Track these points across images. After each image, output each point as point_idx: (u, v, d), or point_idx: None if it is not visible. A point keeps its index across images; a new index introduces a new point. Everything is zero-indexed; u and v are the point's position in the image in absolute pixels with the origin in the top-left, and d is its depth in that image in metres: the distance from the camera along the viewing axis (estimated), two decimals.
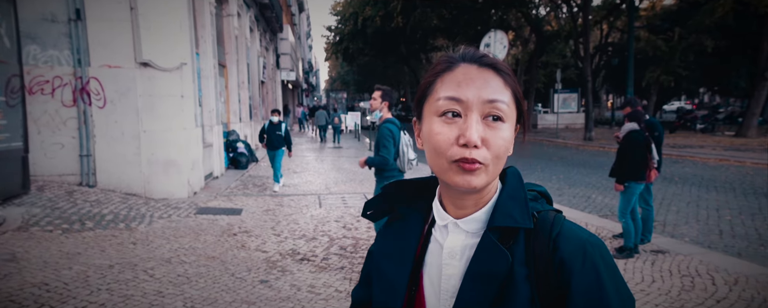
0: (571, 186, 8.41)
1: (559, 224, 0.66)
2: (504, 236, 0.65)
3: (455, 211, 0.70)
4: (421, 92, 0.71)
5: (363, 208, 0.79)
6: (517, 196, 0.68)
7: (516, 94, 0.67)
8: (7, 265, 3.42)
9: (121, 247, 4.21)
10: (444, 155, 0.64)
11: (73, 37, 6.08)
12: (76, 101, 6.18)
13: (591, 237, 0.65)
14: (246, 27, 12.62)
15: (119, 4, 6.22)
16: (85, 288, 3.17)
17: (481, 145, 0.62)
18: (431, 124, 0.66)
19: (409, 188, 0.78)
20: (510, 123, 0.65)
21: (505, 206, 0.67)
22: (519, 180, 0.71)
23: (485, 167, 0.63)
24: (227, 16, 10.91)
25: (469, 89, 0.63)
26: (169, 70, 6.64)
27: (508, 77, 0.66)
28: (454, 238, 0.69)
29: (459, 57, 0.68)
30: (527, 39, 26.69)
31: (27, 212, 4.75)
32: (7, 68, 5.11)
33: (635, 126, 4.23)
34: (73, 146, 6.18)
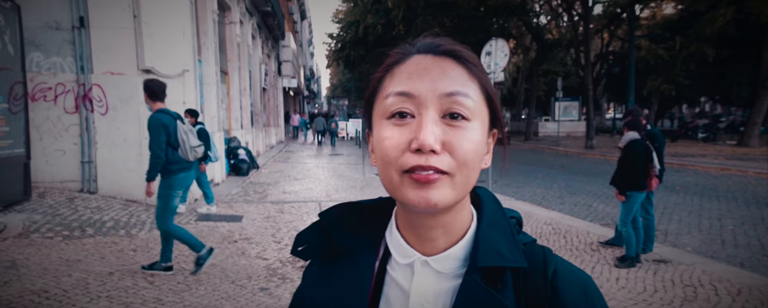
0: (573, 194, 8.39)
1: (552, 260, 0.55)
2: (488, 278, 0.52)
3: (421, 245, 0.55)
4: (370, 91, 0.57)
5: (294, 243, 0.61)
6: (500, 225, 0.56)
7: (487, 89, 0.54)
8: (7, 272, 3.42)
9: (122, 254, 4.20)
10: (393, 166, 0.50)
11: (77, 44, 6.12)
12: (78, 108, 6.20)
13: (587, 277, 0.56)
14: (248, 34, 12.71)
15: (123, 12, 6.27)
16: (85, 296, 3.16)
17: (441, 150, 0.49)
18: (379, 129, 0.53)
19: (353, 213, 0.61)
20: (479, 123, 0.52)
21: (489, 240, 0.54)
22: (497, 204, 0.59)
23: (449, 178, 0.50)
24: (229, 24, 10.98)
25: (422, 81, 0.51)
26: (172, 77, 6.67)
27: (474, 67, 0.54)
28: (423, 281, 0.54)
29: (413, 48, 0.56)
30: (528, 47, 26.82)
31: (28, 219, 4.75)
32: (10, 75, 5.14)
33: (636, 135, 4.23)
34: (74, 152, 6.19)
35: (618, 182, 4.28)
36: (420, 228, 0.54)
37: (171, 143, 3.54)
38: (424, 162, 0.49)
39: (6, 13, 5.04)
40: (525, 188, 9.09)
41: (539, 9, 23.72)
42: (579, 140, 22.47)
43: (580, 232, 5.38)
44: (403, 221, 0.56)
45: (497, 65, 7.67)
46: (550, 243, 4.92)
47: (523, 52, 27.21)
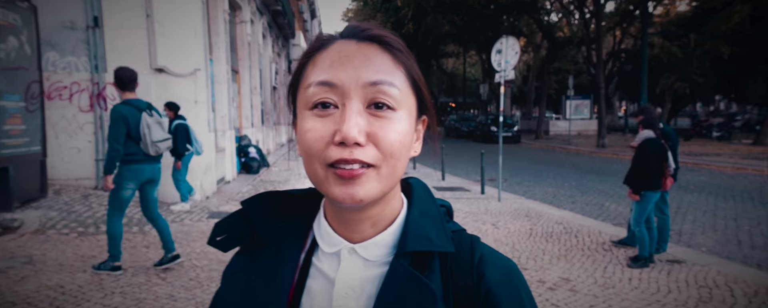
0: (584, 193, 8.31)
1: (479, 247, 0.55)
2: (416, 263, 0.52)
3: (349, 234, 0.54)
4: (293, 79, 0.55)
5: (211, 233, 0.57)
6: (430, 212, 0.55)
7: (412, 76, 0.52)
8: (24, 268, 3.48)
9: (135, 251, 4.26)
10: (317, 159, 0.49)
11: (91, 43, 6.20)
12: (92, 107, 6.29)
13: (511, 263, 0.56)
14: (259, 33, 12.77)
15: (135, 12, 6.34)
16: (99, 291, 3.21)
17: (366, 141, 0.48)
18: (302, 120, 0.51)
19: (280, 203, 0.59)
20: (405, 112, 0.50)
21: (418, 226, 0.53)
22: (428, 193, 0.59)
23: (374, 171, 0.48)
24: (240, 23, 11.05)
25: (345, 69, 0.49)
26: (184, 76, 6.74)
27: (401, 53, 0.51)
28: (349, 269, 0.53)
29: (336, 33, 0.53)
30: (539, 45, 26.59)
31: (44, 216, 4.83)
32: (27, 75, 5.23)
33: (651, 134, 4.17)
34: (89, 150, 6.28)
35: (632, 181, 4.23)
36: (348, 220, 0.53)
37: (132, 136, 3.43)
38: (348, 155, 0.47)
39: (23, 13, 5.12)
40: (536, 188, 9.02)
41: (550, 7, 23.51)
42: (590, 138, 22.23)
43: (592, 231, 5.33)
44: (331, 213, 0.55)
45: (508, 63, 7.61)
46: (561, 243, 4.88)
47: (533, 50, 27.00)
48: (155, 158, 3.65)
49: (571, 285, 3.63)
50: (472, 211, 6.53)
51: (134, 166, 3.51)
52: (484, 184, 8.15)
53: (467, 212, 6.44)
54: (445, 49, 31.00)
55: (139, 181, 3.58)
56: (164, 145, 3.58)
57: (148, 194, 3.77)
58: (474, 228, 5.50)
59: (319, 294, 0.53)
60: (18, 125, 4.99)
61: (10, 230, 4.35)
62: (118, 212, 3.55)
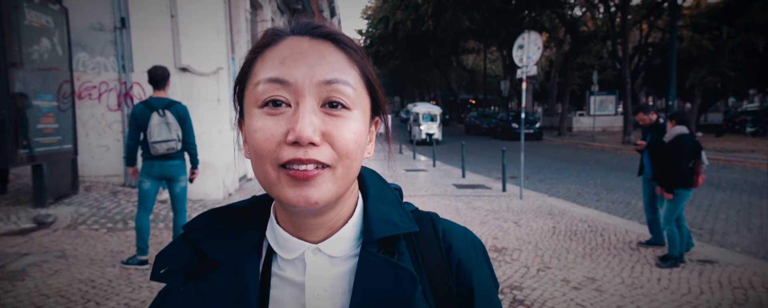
0: (610, 191, 8.11)
1: (439, 221, 0.57)
2: (384, 250, 0.51)
3: (307, 236, 0.52)
4: (239, 76, 0.52)
5: (154, 264, 0.53)
6: (387, 197, 0.55)
7: (366, 75, 0.51)
8: (57, 262, 3.61)
9: (160, 246, 4.36)
10: (268, 159, 0.46)
11: (118, 44, 6.37)
12: (120, 106, 6.46)
13: (469, 231, 0.59)
14: None
15: (161, 13, 6.48)
16: (128, 286, 3.30)
17: (322, 141, 0.46)
18: (251, 118, 0.48)
19: (226, 219, 0.55)
20: (360, 112, 0.49)
21: (379, 212, 0.52)
22: (380, 178, 0.59)
23: (330, 172, 0.47)
24: (261, 22, 11.18)
25: (298, 66, 0.46)
26: (207, 74, 6.85)
27: (355, 52, 0.50)
28: (316, 270, 0.51)
29: (287, 29, 0.51)
30: (562, 40, 26.05)
31: (75, 212, 5.00)
32: (59, 75, 5.41)
33: (684, 130, 4.03)
34: (117, 148, 6.46)
35: (663, 178, 4.09)
36: (303, 224, 0.51)
37: (146, 133, 3.56)
38: (302, 155, 0.45)
39: (55, 15, 5.29)
40: (559, 185, 8.85)
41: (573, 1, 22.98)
42: (615, 135, 21.67)
43: (618, 230, 5.19)
44: (285, 218, 0.52)
45: (530, 59, 7.47)
46: (586, 241, 4.77)
47: (556, 45, 26.46)
48: (165, 156, 3.66)
49: (597, 284, 3.55)
50: (494, 209, 6.45)
51: (146, 162, 3.64)
52: (506, 181, 8.04)
53: (488, 210, 6.37)
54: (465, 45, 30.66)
55: (152, 176, 3.66)
56: (164, 145, 3.57)
57: (171, 191, 3.86)
58: (495, 226, 5.43)
59: (289, 302, 0.51)
60: (51, 124, 5.17)
61: (44, 225, 4.51)
62: (142, 206, 3.65)
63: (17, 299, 2.91)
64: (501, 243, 4.74)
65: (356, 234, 0.52)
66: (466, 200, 7.11)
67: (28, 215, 4.67)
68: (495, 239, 4.88)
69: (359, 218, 0.53)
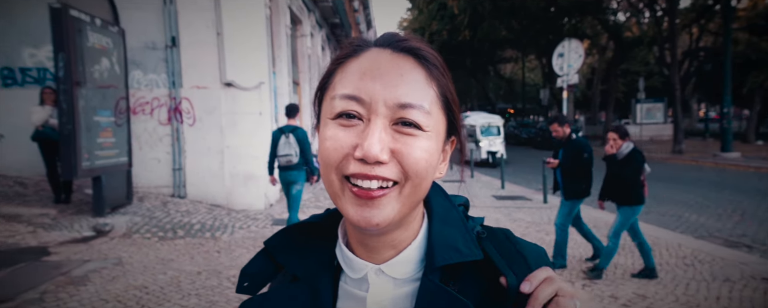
0: (659, 204, 7.71)
1: (512, 239, 0.52)
2: (448, 276, 0.49)
3: (371, 256, 0.52)
4: (320, 85, 0.53)
5: (239, 279, 0.56)
6: (452, 218, 0.52)
7: (446, 94, 0.49)
8: (115, 268, 3.83)
9: (208, 255, 4.53)
10: (334, 169, 0.47)
11: (169, 61, 6.74)
12: (170, 120, 6.81)
13: (542, 250, 0.54)
14: (318, 46, 13.24)
15: (208, 30, 6.82)
16: (178, 293, 3.45)
17: (390, 158, 0.45)
18: (324, 127, 0.49)
19: (302, 236, 0.57)
20: (433, 132, 0.48)
21: (443, 237, 0.50)
22: (445, 196, 0.55)
23: (396, 190, 0.46)
24: (301, 37, 11.51)
25: (375, 84, 0.46)
26: (249, 89, 7.12)
27: (436, 69, 0.48)
28: (379, 290, 0.51)
29: (371, 40, 0.50)
30: (604, 47, 25.21)
31: (130, 221, 5.29)
32: (116, 92, 5.79)
33: (632, 144, 4.07)
34: (167, 160, 6.80)
35: (618, 195, 4.02)
36: (368, 245, 0.51)
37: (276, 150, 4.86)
38: (368, 171, 0.45)
39: (114, 37, 5.69)
40: None
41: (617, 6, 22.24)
42: (665, 144, 20.62)
43: (671, 245, 4.92)
44: (351, 235, 0.53)
45: (570, 67, 7.30)
46: (635, 256, 4.56)
47: (598, 52, 25.64)
48: (288, 167, 4.85)
49: (648, 302, 3.37)
50: (535, 221, 6.28)
51: (280, 172, 4.92)
52: (547, 193, 7.81)
53: (529, 222, 6.21)
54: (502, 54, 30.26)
55: (282, 182, 4.95)
56: (284, 159, 4.78)
57: (288, 194, 4.99)
58: (537, 239, 5.28)
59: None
60: (109, 138, 5.52)
61: (102, 233, 4.80)
62: (289, 205, 4.98)
63: (81, 303, 3.12)
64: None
65: (420, 257, 0.51)
66: (506, 211, 6.97)
67: (88, 223, 4.99)
68: None
69: (423, 240, 0.52)
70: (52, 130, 5.36)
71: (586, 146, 4.34)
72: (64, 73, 4.72)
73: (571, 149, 4.31)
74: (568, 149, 4.33)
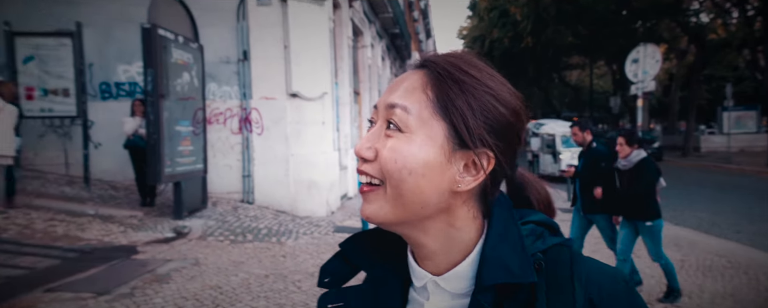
0: (752, 222, 6.94)
1: (581, 261, 0.49)
2: (501, 295, 0.48)
3: (426, 264, 0.53)
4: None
5: (319, 276, 0.59)
6: (510, 235, 0.50)
7: (446, 101, 0.49)
8: (192, 268, 4.10)
9: (274, 259, 4.72)
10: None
11: (241, 74, 7.17)
12: (241, 129, 7.22)
13: (618, 274, 0.51)
14: (378, 56, 13.47)
15: (276, 44, 7.17)
16: (248, 294, 3.61)
17: (375, 157, 0.49)
18: None
19: (372, 241, 0.59)
20: (420, 136, 0.48)
21: (496, 254, 0.48)
22: (509, 211, 0.53)
23: (381, 190, 0.49)
24: (362, 48, 11.78)
25: (385, 93, 0.52)
26: (313, 99, 7.38)
27: (440, 77, 0.49)
28: (436, 302, 0.52)
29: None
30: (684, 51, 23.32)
31: (205, 224, 5.65)
32: (195, 103, 6.24)
33: (644, 152, 3.67)
34: (237, 168, 7.20)
35: (634, 208, 3.58)
36: (415, 248, 0.54)
37: None
38: (359, 166, 0.50)
39: (194, 52, 6.15)
40: (685, 212, 7.80)
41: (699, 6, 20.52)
42: (758, 156, 18.56)
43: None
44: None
45: (646, 74, 6.84)
46: (725, 279, 4.12)
47: (677, 56, 23.76)
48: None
49: None
50: None
51: None
52: None
53: (600, 238, 5.83)
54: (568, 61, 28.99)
55: None
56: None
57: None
58: (609, 255, 4.95)
59: None
60: (188, 146, 5.96)
61: (182, 235, 5.17)
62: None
63: (164, 299, 3.37)
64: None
65: (472, 273, 0.51)
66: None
67: (169, 225, 5.40)
68: None
69: (477, 256, 0.51)
70: (141, 138, 5.87)
71: (604, 155, 3.99)
72: (152, 86, 5.17)
73: (588, 158, 4.02)
74: (587, 158, 4.05)
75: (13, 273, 3.60)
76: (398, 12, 14.06)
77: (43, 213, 5.22)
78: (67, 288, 3.34)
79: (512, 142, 0.52)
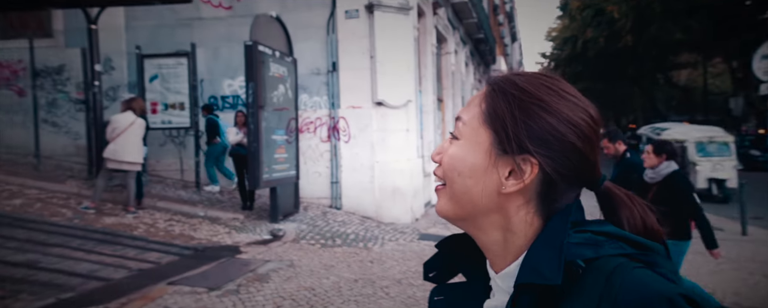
0: None
1: (622, 273, 0.46)
2: (540, 298, 0.49)
3: (492, 263, 0.59)
4: None
5: (424, 271, 0.66)
6: (554, 242, 0.51)
7: (494, 111, 0.55)
8: (288, 269, 4.35)
9: (362, 264, 4.83)
10: None
11: (329, 84, 7.50)
12: (329, 137, 7.54)
13: (666, 293, 0.43)
14: (462, 62, 13.30)
15: (362, 55, 7.40)
16: (339, 297, 3.74)
17: (441, 161, 0.58)
18: None
19: (465, 242, 0.63)
20: (469, 143, 0.56)
21: (533, 257, 0.51)
22: (563, 220, 0.52)
23: (445, 190, 0.58)
24: (445, 54, 11.71)
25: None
26: (397, 107, 7.48)
27: (493, 92, 0.56)
28: (498, 296, 0.58)
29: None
30: None
31: (297, 228, 5.98)
32: (288, 114, 6.65)
33: (675, 165, 3.24)
34: (326, 174, 7.53)
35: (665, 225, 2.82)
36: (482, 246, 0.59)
37: None
38: (434, 169, 0.60)
39: (288, 66, 6.58)
40: None
41: None
42: None
43: None
44: None
45: None
46: None
47: None
48: None
49: None
50: (731, 257, 5.17)
51: None
52: (746, 223, 6.39)
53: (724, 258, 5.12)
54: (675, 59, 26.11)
55: None
56: None
57: None
58: (735, 278, 4.34)
59: None
60: (282, 154, 6.36)
61: (277, 238, 5.52)
62: None
63: (265, 297, 3.62)
64: (745, 300, 3.76)
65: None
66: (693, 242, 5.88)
67: (266, 228, 5.80)
68: (736, 294, 3.93)
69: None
70: (242, 147, 6.39)
71: (636, 166, 3.53)
72: (253, 98, 5.61)
73: (621, 169, 3.67)
74: (618, 169, 3.72)
75: (144, 266, 4.12)
76: (483, 16, 13.79)
77: (164, 214, 5.91)
78: (185, 282, 3.74)
79: (568, 153, 0.53)
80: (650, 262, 0.49)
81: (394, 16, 7.36)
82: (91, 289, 3.48)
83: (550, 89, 0.54)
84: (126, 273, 3.89)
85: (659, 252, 0.51)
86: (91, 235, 4.80)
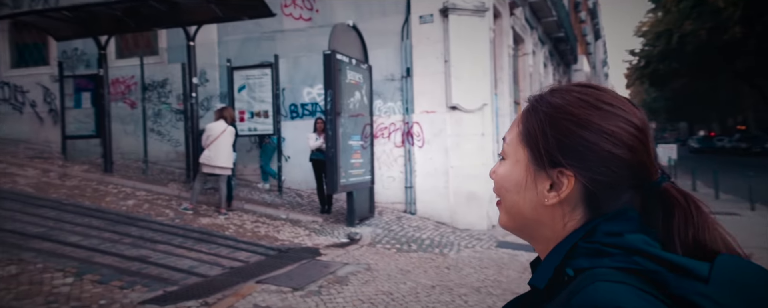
0: None
1: (582, 284, 0.48)
2: (533, 300, 0.57)
3: None
4: None
5: (531, 269, 0.66)
6: (561, 248, 0.55)
7: (529, 130, 0.58)
8: (365, 273, 4.43)
9: (438, 270, 4.77)
10: None
11: (403, 90, 7.55)
12: (403, 142, 7.58)
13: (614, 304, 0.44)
14: (540, 63, 12.72)
15: (436, 59, 7.36)
16: (417, 303, 3.72)
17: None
18: None
19: None
20: (512, 161, 0.61)
21: (545, 263, 0.56)
22: (584, 228, 0.55)
23: (501, 204, 0.62)
24: (523, 56, 11.28)
25: None
26: (472, 111, 7.32)
27: (529, 111, 0.60)
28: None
29: None
30: None
31: (373, 232, 6.07)
32: (363, 119, 6.80)
33: None
34: (400, 179, 7.56)
35: None
36: None
37: None
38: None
39: (364, 73, 6.74)
40: None
41: None
42: None
43: None
44: None
45: None
46: None
47: None
48: None
49: None
50: None
51: None
52: None
53: None
54: None
55: None
56: None
57: None
58: None
59: None
60: (358, 159, 6.51)
61: (354, 241, 5.65)
62: None
63: (345, 299, 3.71)
64: None
65: None
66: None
67: (343, 231, 5.96)
68: None
69: None
70: (321, 152, 6.64)
71: None
72: (331, 106, 5.81)
73: None
74: None
75: (235, 264, 4.43)
76: (563, 15, 13.10)
77: (250, 216, 6.32)
78: (272, 281, 3.95)
79: (606, 162, 0.53)
80: (660, 281, 0.46)
81: (469, 18, 7.24)
82: (192, 284, 3.80)
83: (584, 101, 0.56)
84: (220, 271, 4.21)
85: (693, 271, 0.46)
86: (190, 234, 5.27)
